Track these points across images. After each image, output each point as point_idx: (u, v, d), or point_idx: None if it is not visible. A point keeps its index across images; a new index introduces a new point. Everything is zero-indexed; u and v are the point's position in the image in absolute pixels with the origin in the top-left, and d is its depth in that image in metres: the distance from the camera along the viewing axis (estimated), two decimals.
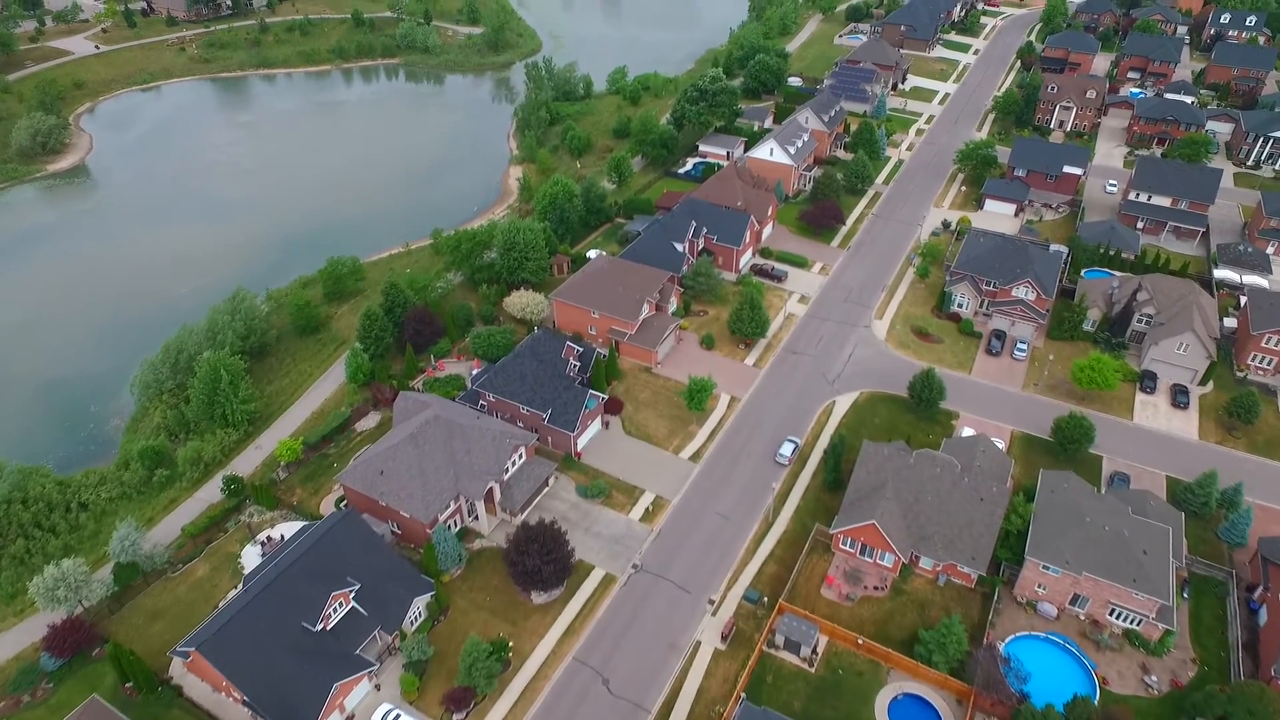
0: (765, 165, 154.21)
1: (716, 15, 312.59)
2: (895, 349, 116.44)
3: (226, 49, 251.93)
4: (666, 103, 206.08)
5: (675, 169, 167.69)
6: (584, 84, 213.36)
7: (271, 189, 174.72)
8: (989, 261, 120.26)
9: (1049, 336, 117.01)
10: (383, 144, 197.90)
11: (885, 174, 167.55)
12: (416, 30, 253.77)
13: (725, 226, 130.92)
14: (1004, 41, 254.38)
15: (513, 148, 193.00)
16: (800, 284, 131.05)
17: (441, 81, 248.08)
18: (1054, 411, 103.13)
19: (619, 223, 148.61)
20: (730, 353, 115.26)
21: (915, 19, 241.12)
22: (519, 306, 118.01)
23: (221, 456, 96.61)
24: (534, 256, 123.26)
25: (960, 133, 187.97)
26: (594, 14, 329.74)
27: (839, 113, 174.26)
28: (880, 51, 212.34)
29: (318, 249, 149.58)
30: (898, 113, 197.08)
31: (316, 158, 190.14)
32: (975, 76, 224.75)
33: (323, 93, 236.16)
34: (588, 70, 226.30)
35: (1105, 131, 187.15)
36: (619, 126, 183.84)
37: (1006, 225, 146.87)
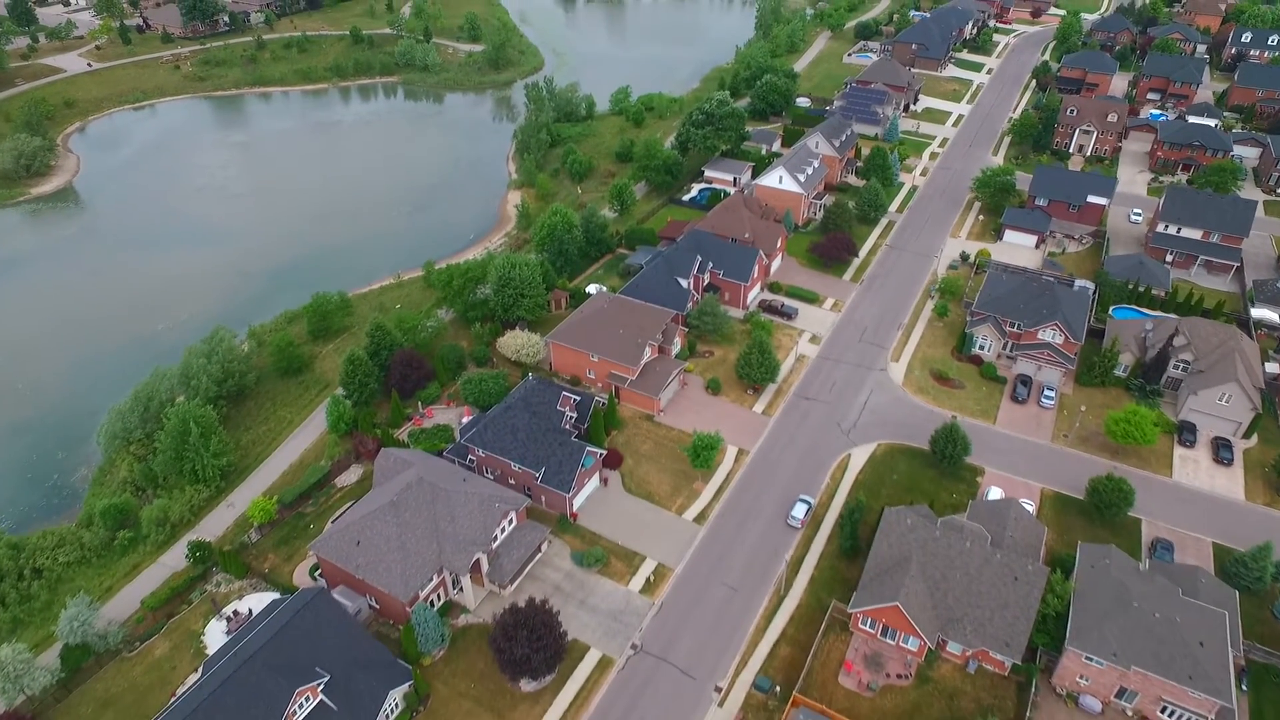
0: (774, 193, 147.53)
1: (722, 30, 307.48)
2: (914, 395, 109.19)
3: (222, 66, 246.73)
4: (671, 124, 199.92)
5: (679, 196, 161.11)
6: (586, 104, 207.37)
7: (261, 214, 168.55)
8: (1012, 301, 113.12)
9: (1078, 382, 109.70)
10: (378, 166, 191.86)
11: (899, 201, 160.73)
12: (416, 48, 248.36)
13: (732, 260, 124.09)
14: (1018, 60, 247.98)
15: (511, 171, 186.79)
16: (811, 322, 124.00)
17: (441, 100, 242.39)
18: (1086, 467, 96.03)
19: (621, 254, 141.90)
20: (738, 398, 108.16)
21: (927, 37, 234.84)
22: (513, 348, 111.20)
23: (190, 516, 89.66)
24: (530, 293, 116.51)
25: (976, 156, 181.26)
26: (598, 29, 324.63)
27: (850, 137, 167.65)
28: (891, 71, 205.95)
29: (306, 279, 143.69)
30: (910, 135, 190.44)
31: (310, 180, 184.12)
32: (989, 97, 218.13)
33: (319, 111, 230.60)
34: (590, 89, 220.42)
35: (1126, 156, 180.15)
36: (621, 150, 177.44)
37: (1027, 257, 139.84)
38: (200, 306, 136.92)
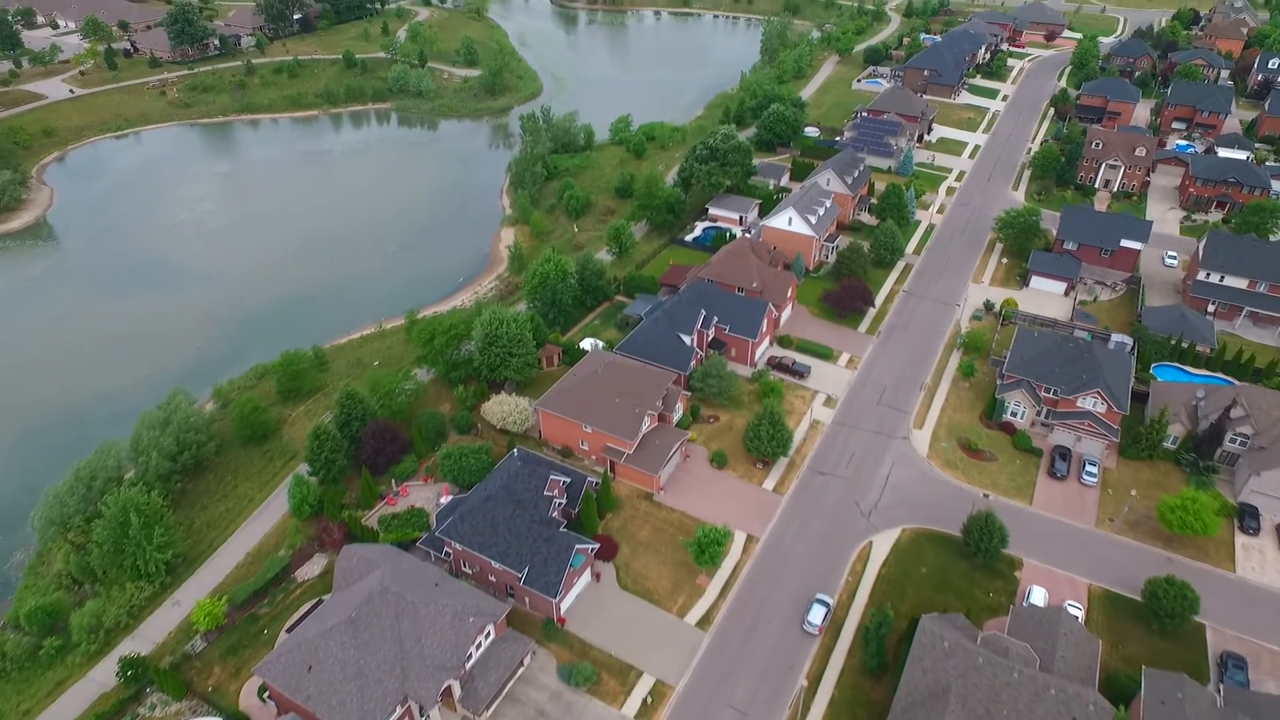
0: (783, 235, 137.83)
1: (727, 52, 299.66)
2: (940, 469, 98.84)
3: (209, 92, 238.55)
4: (673, 155, 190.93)
5: (682, 236, 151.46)
6: (585, 134, 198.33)
7: (239, 253, 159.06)
8: (1047, 364, 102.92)
9: (1122, 454, 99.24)
10: (366, 199, 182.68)
11: (915, 241, 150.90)
12: (409, 73, 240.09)
13: (739, 314, 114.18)
14: (1033, 86, 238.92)
15: (505, 206, 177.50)
16: (825, 381, 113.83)
17: (435, 127, 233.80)
18: (1136, 558, 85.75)
19: (619, 302, 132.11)
20: (746, 473, 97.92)
21: (939, 63, 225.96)
22: (499, 415, 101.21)
23: (128, 619, 79.51)
24: (519, 352, 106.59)
25: (995, 191, 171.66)
26: (599, 52, 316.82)
27: (863, 172, 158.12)
28: (904, 100, 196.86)
29: (283, 327, 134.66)
30: (925, 168, 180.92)
31: (292, 215, 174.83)
32: (1006, 126, 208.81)
33: (308, 140, 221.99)
34: (589, 115, 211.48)
35: (1155, 191, 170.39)
36: (621, 185, 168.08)
37: (1056, 306, 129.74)
38: (166, 359, 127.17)
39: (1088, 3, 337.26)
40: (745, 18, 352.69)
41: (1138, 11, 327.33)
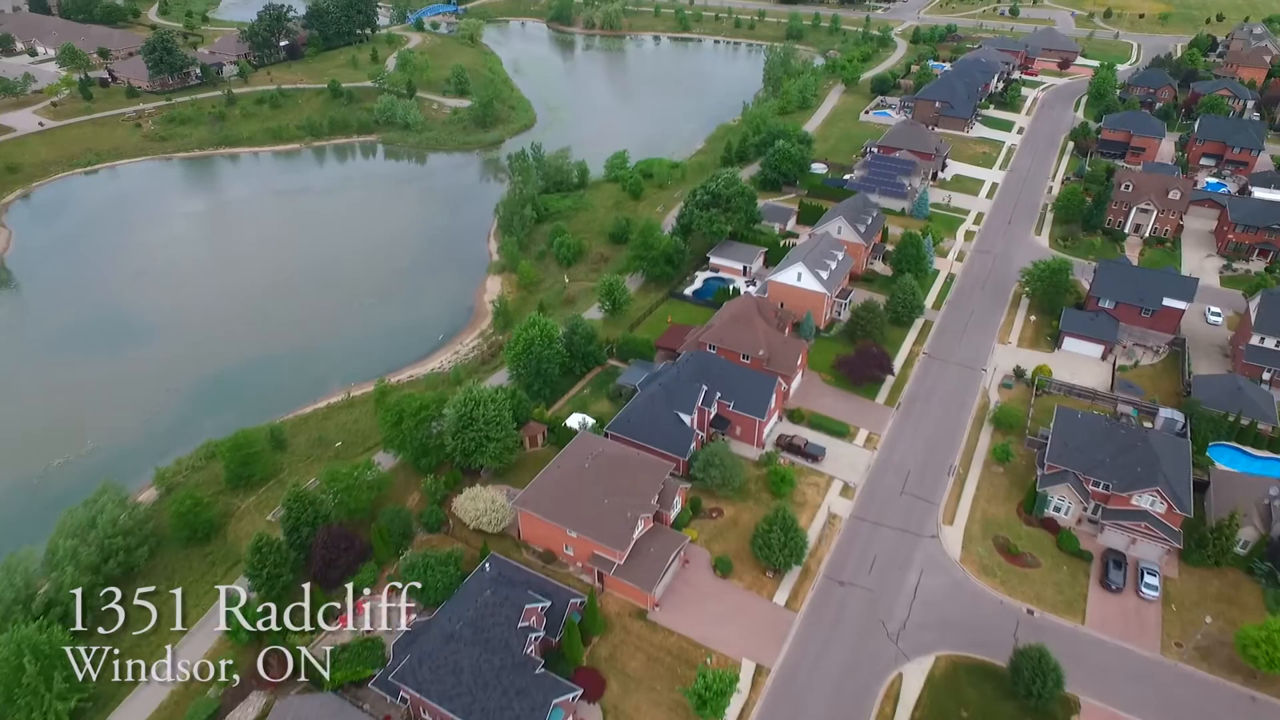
0: (791, 292, 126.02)
1: (728, 79, 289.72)
2: (976, 577, 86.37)
3: (187, 125, 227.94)
4: (672, 194, 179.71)
5: (681, 289, 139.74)
6: (578, 171, 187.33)
7: (205, 304, 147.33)
8: (1094, 453, 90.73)
9: (1184, 560, 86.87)
10: (344, 243, 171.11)
11: (934, 293, 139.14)
12: (396, 104, 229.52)
13: (745, 389, 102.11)
14: (1049, 117, 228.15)
15: (492, 251, 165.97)
16: (841, 464, 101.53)
17: (423, 161, 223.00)
18: (1213, 697, 73.54)
19: (612, 366, 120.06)
20: (754, 582, 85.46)
21: (951, 95, 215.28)
22: (472, 514, 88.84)
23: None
24: (497, 435, 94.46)
25: (1017, 236, 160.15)
26: (596, 79, 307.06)
27: (876, 219, 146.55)
28: (916, 136, 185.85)
29: (244, 391, 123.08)
30: (940, 210, 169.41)
31: (264, 261, 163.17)
32: (1023, 161, 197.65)
33: (287, 175, 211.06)
34: (584, 149, 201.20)
35: (1189, 236, 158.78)
36: (616, 230, 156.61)
37: (1093, 372, 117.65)
38: (112, 430, 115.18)
39: (1100, 28, 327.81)
40: (747, 43, 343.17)
41: (1151, 37, 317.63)
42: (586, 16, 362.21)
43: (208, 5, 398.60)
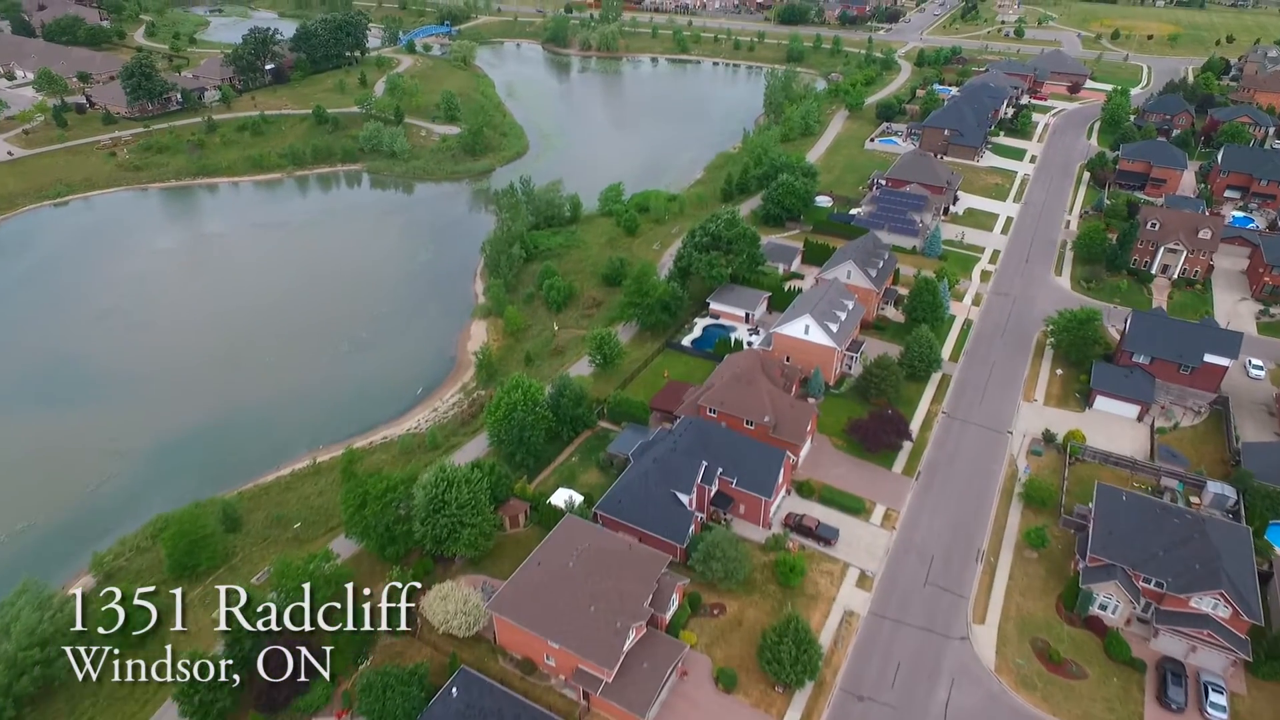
0: (798, 345, 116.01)
1: (728, 103, 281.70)
2: (1014, 691, 75.75)
3: (164, 153, 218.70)
4: (669, 230, 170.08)
5: (678, 339, 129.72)
6: (571, 204, 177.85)
7: (165, 354, 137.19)
8: (1144, 545, 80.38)
9: (1251, 672, 76.35)
10: (321, 282, 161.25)
11: (951, 342, 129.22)
12: (383, 132, 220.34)
13: (750, 464, 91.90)
14: (1062, 144, 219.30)
15: (478, 292, 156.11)
16: (857, 548, 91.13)
17: (410, 191, 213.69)
18: None
19: (603, 429, 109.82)
20: (761, 698, 74.75)
21: (960, 122, 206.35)
22: (442, 616, 78.26)
23: None
24: (473, 520, 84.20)
25: (1035, 276, 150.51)
26: (591, 103, 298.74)
27: (888, 262, 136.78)
28: (926, 168, 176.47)
29: (202, 454, 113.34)
30: (953, 247, 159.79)
31: (233, 304, 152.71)
32: (1037, 193, 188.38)
33: (267, 207, 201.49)
34: (578, 179, 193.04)
35: (1219, 276, 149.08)
36: (610, 271, 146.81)
37: (1130, 436, 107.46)
38: (51, 503, 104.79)
39: (1108, 50, 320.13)
40: (746, 64, 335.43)
41: (1161, 59, 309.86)
42: (582, 38, 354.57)
43: (196, 27, 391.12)
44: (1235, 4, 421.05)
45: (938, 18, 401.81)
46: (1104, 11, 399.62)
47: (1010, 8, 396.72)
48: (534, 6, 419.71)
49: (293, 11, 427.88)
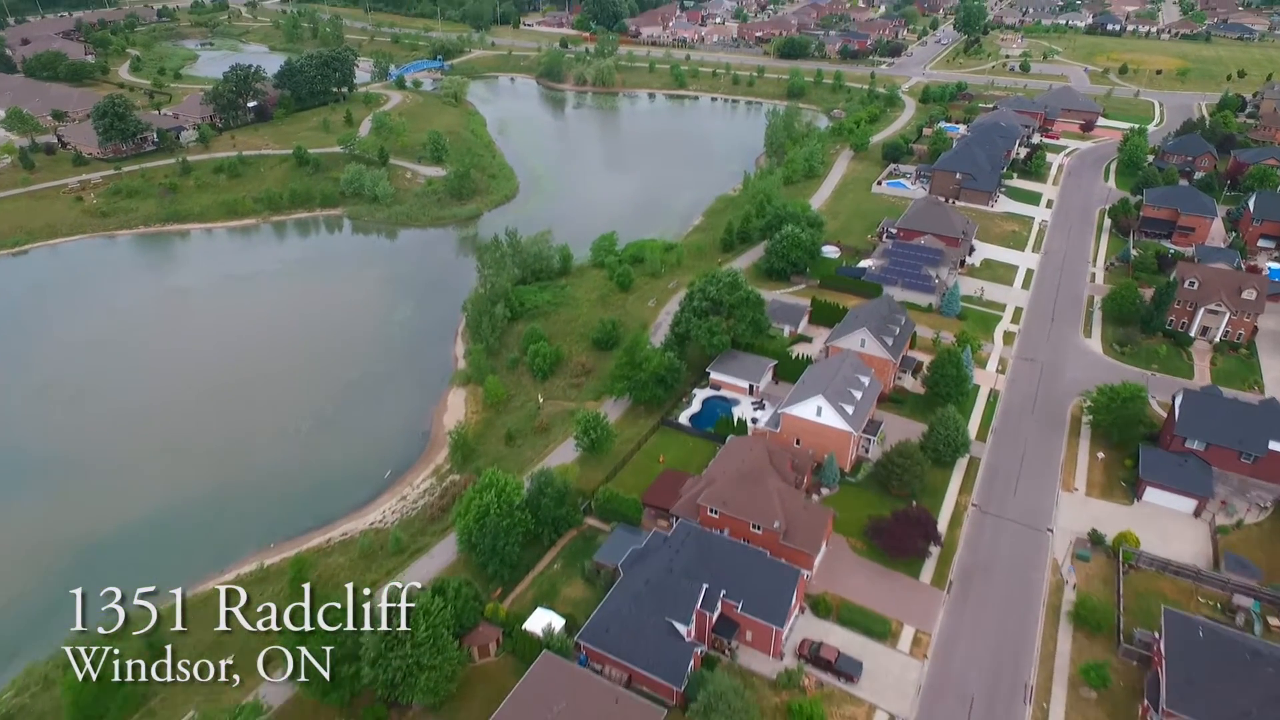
0: (810, 428, 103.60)
1: (727, 140, 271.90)
2: None
3: (134, 197, 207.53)
4: (665, 284, 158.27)
5: (675, 415, 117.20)
6: (560, 256, 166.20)
7: (105, 435, 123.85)
8: (1233, 699, 67.38)
9: None
10: (287, 345, 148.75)
11: (977, 418, 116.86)
12: (364, 175, 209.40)
13: (758, 586, 79.04)
14: (1078, 187, 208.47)
15: (458, 355, 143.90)
16: (883, 683, 77.96)
17: (393, 237, 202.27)
18: None
19: (590, 528, 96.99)
20: None
21: (973, 165, 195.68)
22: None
23: None
24: (433, 662, 71.20)
25: (1063, 338, 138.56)
26: (586, 141, 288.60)
27: (905, 327, 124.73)
28: (940, 217, 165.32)
29: (133, 556, 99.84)
30: (972, 304, 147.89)
31: (192, 369, 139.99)
32: (1057, 241, 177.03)
33: (238, 256, 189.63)
34: (568, 225, 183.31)
35: (1264, 338, 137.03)
36: (601, 335, 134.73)
37: (1188, 536, 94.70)
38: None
39: (1117, 85, 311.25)
40: (745, 100, 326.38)
41: (1172, 95, 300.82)
42: (577, 73, 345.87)
43: (184, 61, 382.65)
44: (1241, 37, 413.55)
45: (944, 46, 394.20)
46: (1109, 45, 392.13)
47: (1013, 42, 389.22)
48: (529, 40, 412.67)
49: (284, 45, 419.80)
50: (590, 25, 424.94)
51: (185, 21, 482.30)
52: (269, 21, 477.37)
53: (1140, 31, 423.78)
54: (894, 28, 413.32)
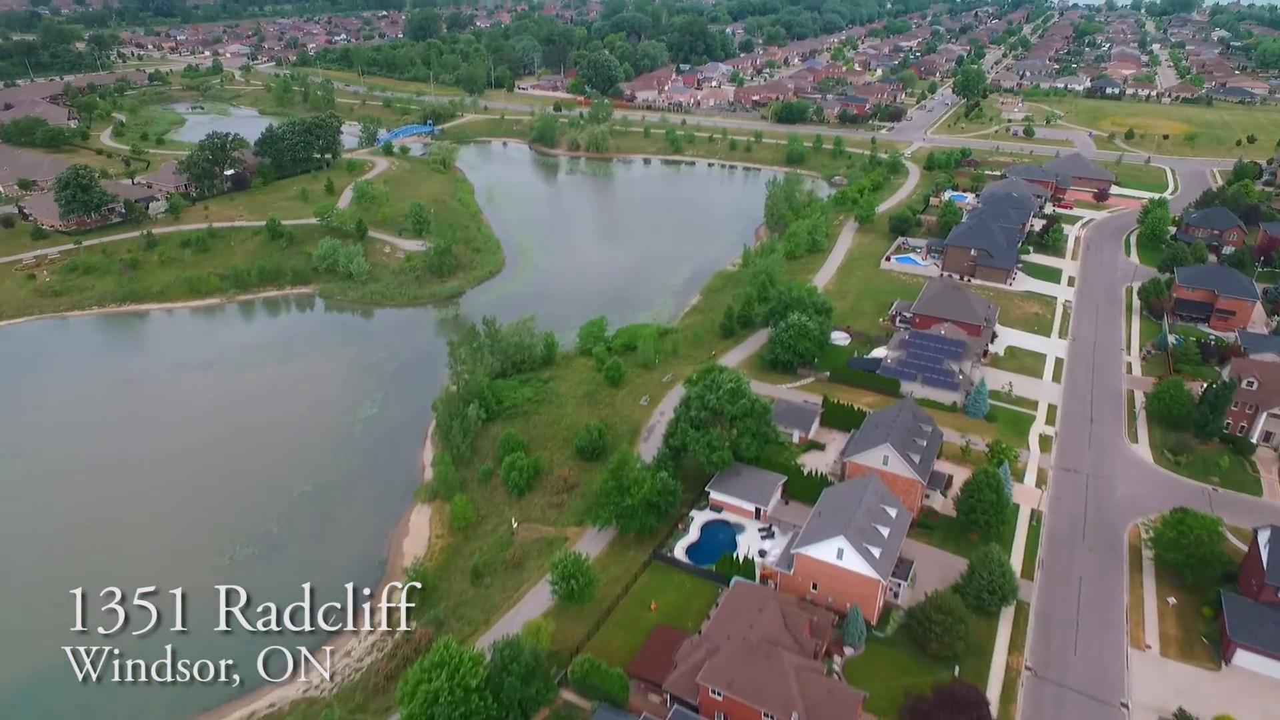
0: (828, 572, 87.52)
1: (725, 208, 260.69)
2: None
3: (92, 274, 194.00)
4: (659, 379, 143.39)
5: (669, 547, 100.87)
6: (545, 344, 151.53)
7: (19, 564, 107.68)
8: None
9: None
10: (235, 449, 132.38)
11: (1019, 547, 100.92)
12: (339, 251, 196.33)
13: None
14: (1099, 262, 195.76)
15: (426, 463, 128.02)
16: None
17: (370, 316, 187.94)
18: None
19: (566, 704, 79.98)
20: None
21: (989, 240, 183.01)
22: None
23: None
24: None
25: (1106, 443, 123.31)
26: (578, 210, 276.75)
27: (933, 439, 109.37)
28: (959, 302, 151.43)
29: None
30: (1000, 402, 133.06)
31: (119, 485, 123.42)
32: (1085, 325, 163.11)
33: (196, 341, 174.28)
34: (555, 304, 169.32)
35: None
36: (585, 444, 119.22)
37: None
38: None
39: (1124, 150, 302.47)
40: (743, 166, 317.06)
41: (1184, 161, 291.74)
42: (571, 138, 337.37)
43: (170, 126, 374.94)
44: (1242, 101, 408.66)
45: (948, 107, 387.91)
46: (1110, 109, 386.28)
47: (1014, 106, 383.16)
48: (523, 104, 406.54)
49: (274, 109, 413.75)
50: (585, 89, 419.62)
51: (177, 85, 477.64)
52: (261, 85, 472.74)
53: (1140, 95, 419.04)
54: (892, 91, 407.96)
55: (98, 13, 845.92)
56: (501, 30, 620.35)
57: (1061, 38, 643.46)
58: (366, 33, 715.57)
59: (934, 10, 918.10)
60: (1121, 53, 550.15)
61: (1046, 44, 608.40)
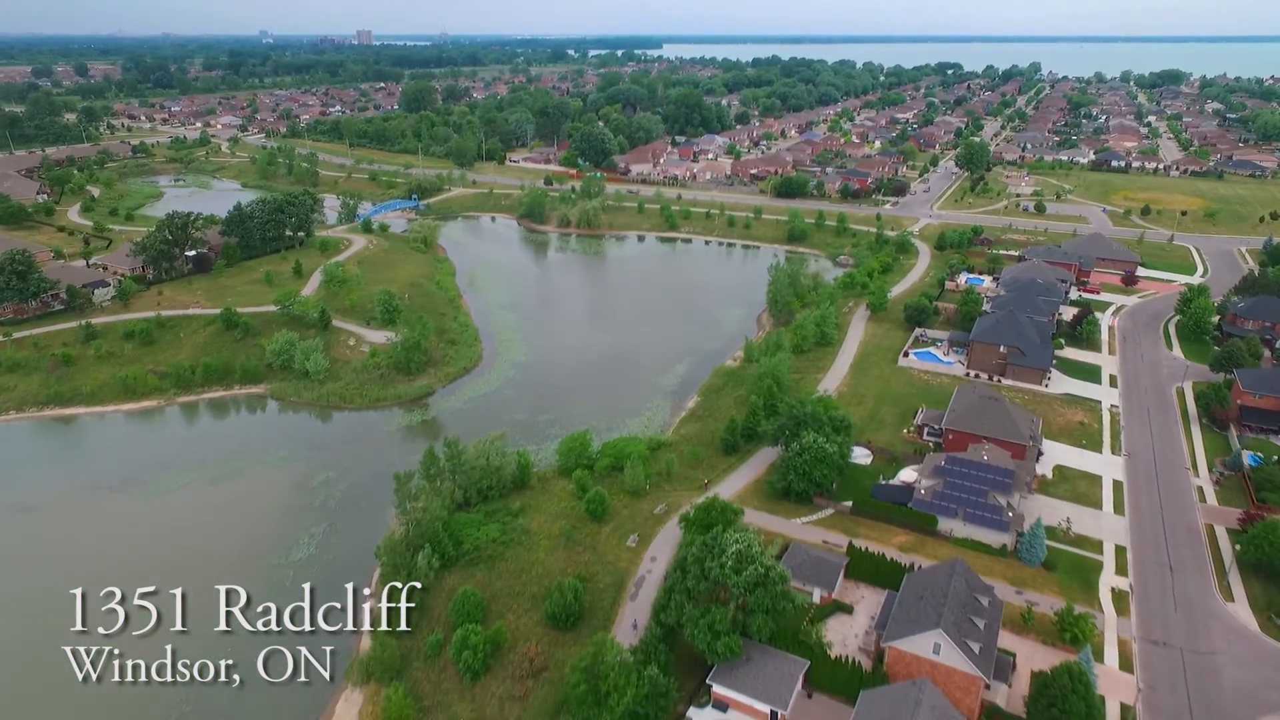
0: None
1: (725, 291, 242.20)
2: None
3: (16, 372, 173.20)
4: (650, 510, 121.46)
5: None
6: (519, 464, 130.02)
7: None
8: None
9: None
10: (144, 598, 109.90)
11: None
12: (295, 346, 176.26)
13: None
14: (1140, 357, 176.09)
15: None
16: None
17: (328, 419, 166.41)
18: None
19: None
20: None
21: (1020, 336, 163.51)
22: None
23: None
24: None
25: (1195, 603, 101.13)
26: (567, 294, 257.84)
27: (993, 615, 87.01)
28: (997, 416, 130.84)
29: None
30: (1057, 543, 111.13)
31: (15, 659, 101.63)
32: (1139, 437, 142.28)
33: (120, 455, 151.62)
34: (535, 404, 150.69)
35: None
36: (559, 609, 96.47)
37: None
38: None
39: (1144, 228, 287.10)
40: (742, 243, 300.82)
41: (1208, 239, 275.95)
42: (561, 214, 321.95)
43: (146, 200, 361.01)
44: (1253, 174, 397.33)
45: (951, 180, 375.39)
46: (1119, 183, 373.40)
47: (1020, 180, 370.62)
48: (513, 177, 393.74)
49: (256, 182, 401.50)
50: (578, 162, 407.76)
51: (161, 157, 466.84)
52: (247, 157, 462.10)
53: (1147, 169, 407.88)
54: (893, 164, 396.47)
55: (96, 85, 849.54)
56: (495, 102, 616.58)
57: (1057, 109, 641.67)
58: (362, 104, 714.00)
59: (927, 83, 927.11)
60: (1120, 125, 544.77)
61: (1043, 115, 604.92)
